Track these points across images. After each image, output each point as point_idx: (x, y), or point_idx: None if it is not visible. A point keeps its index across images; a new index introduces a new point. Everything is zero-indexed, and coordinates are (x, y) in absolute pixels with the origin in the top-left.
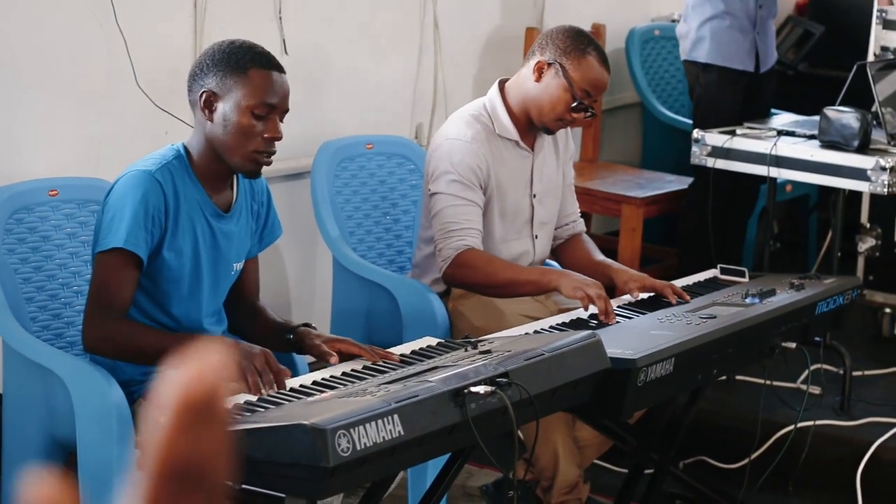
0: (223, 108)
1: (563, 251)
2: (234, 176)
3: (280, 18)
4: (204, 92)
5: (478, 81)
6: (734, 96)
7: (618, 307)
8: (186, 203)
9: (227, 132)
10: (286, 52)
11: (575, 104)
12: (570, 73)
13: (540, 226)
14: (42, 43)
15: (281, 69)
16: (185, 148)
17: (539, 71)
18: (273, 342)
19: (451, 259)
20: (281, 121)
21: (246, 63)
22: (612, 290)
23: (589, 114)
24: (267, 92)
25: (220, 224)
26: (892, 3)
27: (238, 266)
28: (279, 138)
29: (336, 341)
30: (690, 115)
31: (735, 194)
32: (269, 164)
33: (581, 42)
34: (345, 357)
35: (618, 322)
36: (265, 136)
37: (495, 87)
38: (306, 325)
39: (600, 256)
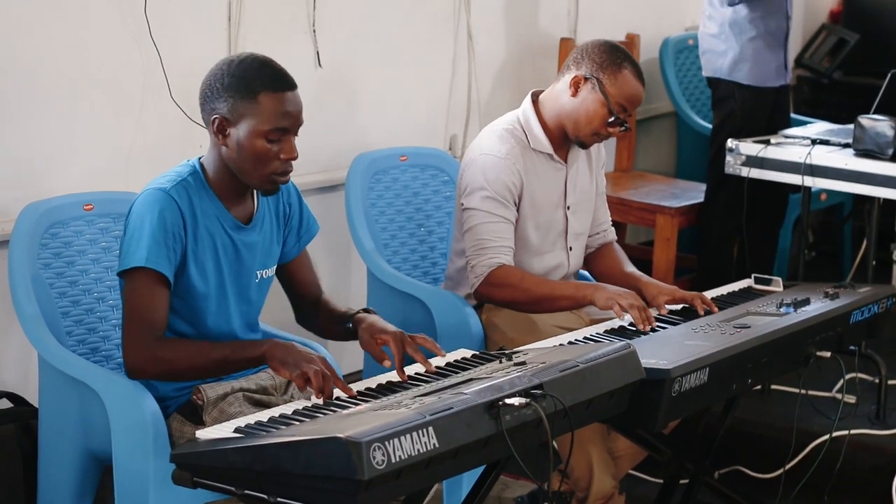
0: (236, 133)
1: (593, 260)
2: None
3: (314, 31)
4: (216, 118)
5: (512, 92)
6: (765, 112)
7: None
8: (204, 218)
9: (241, 158)
10: (320, 65)
11: (612, 119)
12: (607, 87)
13: (574, 237)
14: (77, 58)
15: (293, 86)
16: (201, 163)
17: (575, 86)
18: (337, 333)
19: (484, 277)
20: (296, 135)
21: (256, 87)
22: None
23: (624, 128)
24: (279, 116)
25: (240, 236)
26: None
27: (265, 274)
28: (295, 158)
29: (381, 334)
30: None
31: (763, 204)
32: (286, 182)
33: (617, 57)
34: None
35: (653, 331)
36: (281, 157)
37: (528, 99)
38: (365, 310)
39: (630, 268)
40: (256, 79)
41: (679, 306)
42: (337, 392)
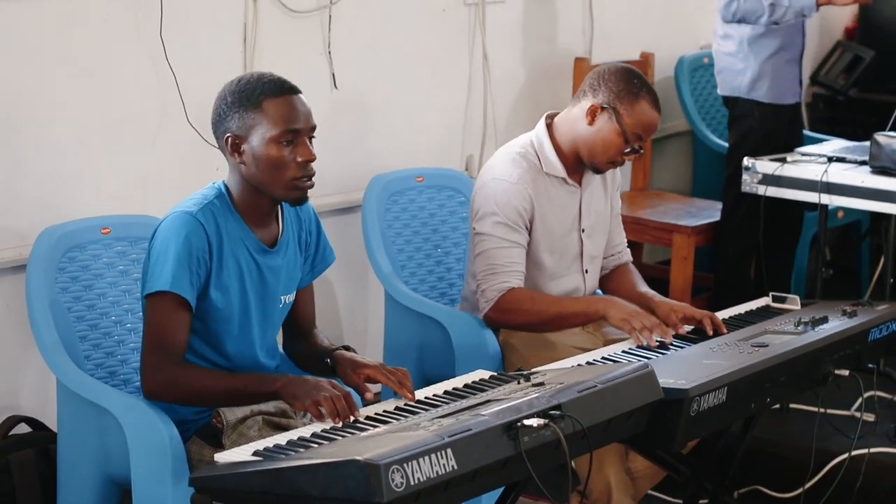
0: (249, 147)
1: (608, 281)
2: (279, 210)
3: (329, 53)
4: (228, 137)
5: (528, 112)
6: (782, 128)
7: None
8: (230, 241)
9: (260, 169)
10: (336, 87)
11: (628, 149)
12: (624, 118)
13: (590, 260)
14: (93, 80)
15: (295, 90)
16: (226, 186)
17: (592, 114)
18: (317, 367)
19: (494, 302)
20: (310, 141)
21: (258, 96)
22: None
23: (639, 153)
24: (287, 119)
25: (265, 259)
26: None
27: (287, 299)
28: (313, 160)
29: (364, 368)
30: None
31: (779, 222)
32: (310, 186)
33: (634, 86)
34: (374, 383)
35: (672, 351)
36: (298, 160)
37: (542, 123)
38: (345, 347)
39: (643, 288)
40: (257, 89)
41: (691, 327)
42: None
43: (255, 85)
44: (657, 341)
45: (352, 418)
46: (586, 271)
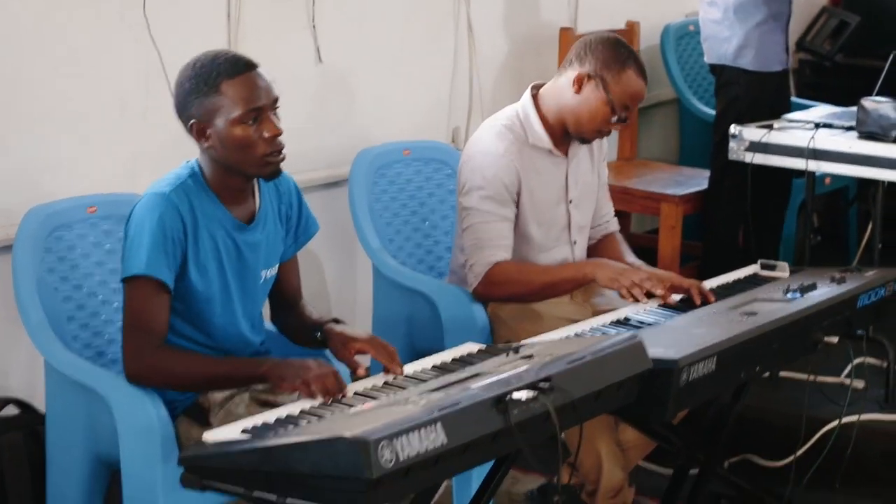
0: (215, 131)
1: (595, 251)
2: (255, 185)
3: (314, 27)
4: (192, 123)
5: (514, 83)
6: (769, 96)
7: (657, 307)
8: (205, 220)
9: (228, 150)
10: (321, 61)
11: (615, 118)
12: (611, 86)
13: (578, 231)
14: (77, 60)
15: (252, 66)
16: (199, 164)
17: (579, 83)
18: (308, 340)
19: (482, 276)
20: (275, 113)
21: (214, 78)
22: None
23: (625, 122)
24: (247, 98)
25: (243, 236)
26: None
27: (269, 273)
28: (280, 133)
29: (353, 341)
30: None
31: (766, 189)
32: (282, 159)
33: (621, 54)
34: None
35: (661, 320)
36: (265, 136)
37: (528, 94)
38: (335, 320)
39: (630, 258)
40: (213, 71)
41: (679, 296)
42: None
43: (211, 67)
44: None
45: (340, 396)
46: (574, 242)
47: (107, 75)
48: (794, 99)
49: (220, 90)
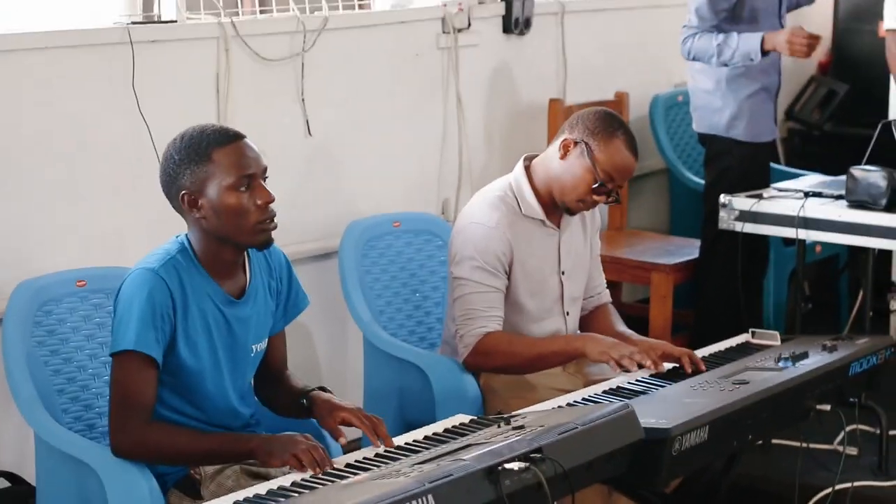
0: (207, 200)
1: (587, 322)
2: (245, 259)
3: (303, 100)
4: (184, 195)
5: (503, 154)
6: (760, 167)
7: (650, 376)
8: (195, 295)
9: (222, 220)
10: (310, 134)
11: (596, 185)
12: (596, 154)
13: (571, 302)
14: (66, 133)
15: (240, 135)
16: (189, 240)
17: (565, 149)
18: (293, 409)
19: (473, 346)
20: (264, 179)
21: (205, 148)
22: None
23: (612, 199)
24: (239, 165)
25: (233, 311)
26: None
27: (259, 347)
28: (272, 200)
29: (340, 411)
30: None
31: (750, 256)
32: (274, 227)
33: (610, 125)
34: (349, 426)
35: (653, 390)
36: (258, 203)
37: (520, 165)
38: (321, 388)
39: (621, 327)
40: (202, 141)
41: (671, 365)
42: (338, 461)
43: (201, 138)
44: (638, 380)
45: (329, 468)
46: (567, 313)
47: (96, 149)
48: (783, 168)
49: (212, 159)
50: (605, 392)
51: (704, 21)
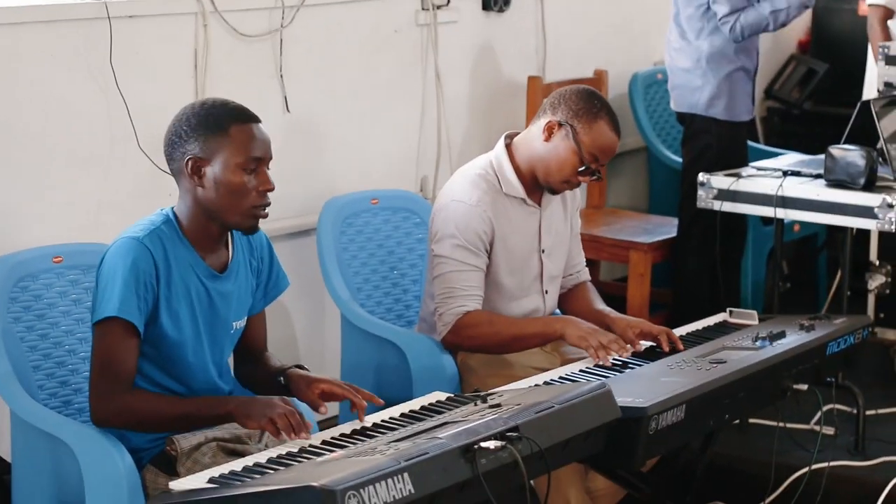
0: (212, 171)
1: (566, 300)
2: (229, 236)
3: (281, 76)
4: (189, 159)
5: (482, 131)
6: (740, 145)
7: (626, 355)
8: (178, 267)
9: (220, 194)
10: (288, 110)
11: (582, 168)
12: (581, 136)
13: (550, 280)
14: (43, 109)
15: (258, 119)
16: (175, 213)
17: (549, 131)
18: (271, 388)
19: (451, 325)
20: (268, 168)
21: (225, 121)
22: None
23: (595, 177)
24: (253, 146)
25: (215, 285)
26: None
27: (238, 324)
28: (272, 189)
29: (319, 383)
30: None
31: (727, 236)
32: (266, 216)
33: (594, 105)
34: (330, 398)
35: (630, 369)
36: (259, 189)
37: (501, 143)
38: (298, 366)
39: (600, 305)
40: (224, 114)
41: (649, 343)
42: (314, 438)
43: (222, 110)
44: (615, 359)
45: (305, 436)
46: (546, 292)
47: (73, 125)
48: (762, 147)
49: (229, 132)
50: (581, 371)
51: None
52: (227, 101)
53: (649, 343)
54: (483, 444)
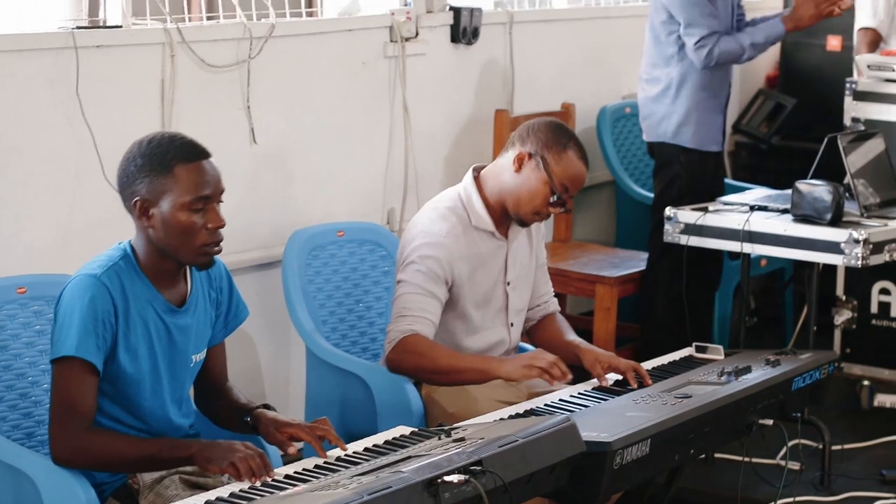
0: (159, 212)
1: (536, 331)
2: (187, 269)
3: (248, 108)
4: (136, 200)
5: (449, 164)
6: (709, 176)
7: (592, 389)
8: (136, 303)
9: (169, 234)
10: (255, 141)
11: (553, 199)
12: (551, 166)
13: (515, 313)
14: (8, 139)
15: (206, 154)
16: (132, 247)
17: (519, 162)
18: (235, 424)
19: (395, 343)
20: (219, 202)
21: (169, 161)
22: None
23: (564, 209)
24: (198, 185)
25: (174, 319)
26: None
27: (198, 357)
28: (222, 226)
29: (286, 426)
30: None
31: (700, 269)
32: (218, 252)
33: (563, 136)
34: (297, 441)
35: (595, 403)
36: (208, 227)
37: (469, 175)
38: (265, 405)
39: (571, 336)
40: (168, 153)
41: (618, 377)
42: (277, 472)
43: (167, 148)
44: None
45: (268, 478)
46: (511, 324)
47: (37, 155)
48: (730, 181)
49: (174, 173)
50: (546, 405)
51: (712, 27)
52: (175, 136)
53: (616, 377)
54: (447, 478)
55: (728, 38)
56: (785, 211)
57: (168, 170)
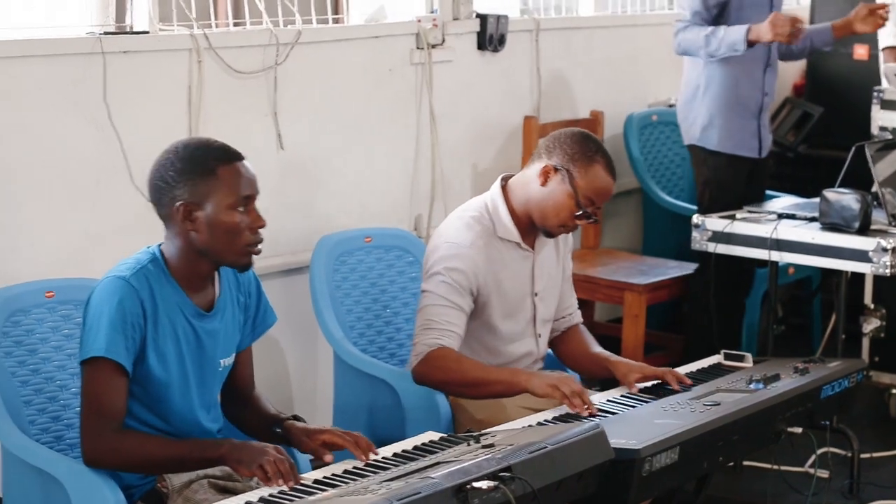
0: (205, 214)
1: (559, 343)
2: (216, 273)
3: (275, 114)
4: (181, 205)
5: (476, 171)
6: (740, 181)
7: (621, 395)
8: (165, 306)
9: (215, 236)
10: (282, 147)
11: (579, 212)
12: (577, 180)
13: (542, 324)
14: (36, 144)
15: (242, 157)
16: (161, 251)
17: (545, 175)
18: (264, 434)
19: (423, 356)
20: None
21: (211, 163)
22: (613, 382)
23: (591, 220)
24: (242, 185)
25: (202, 324)
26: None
27: (226, 362)
28: (264, 225)
29: (319, 433)
30: (691, 199)
31: (733, 277)
32: (259, 252)
33: (589, 149)
34: (331, 448)
35: (623, 410)
36: (252, 226)
37: (497, 185)
38: (295, 417)
39: (597, 348)
40: (209, 156)
41: (650, 383)
42: (306, 477)
43: (206, 151)
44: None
45: (295, 484)
46: (539, 335)
47: (66, 159)
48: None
49: (217, 174)
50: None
51: (697, 15)
52: (209, 140)
53: (644, 384)
54: (476, 484)
55: (697, 28)
56: (813, 219)
57: (212, 172)
